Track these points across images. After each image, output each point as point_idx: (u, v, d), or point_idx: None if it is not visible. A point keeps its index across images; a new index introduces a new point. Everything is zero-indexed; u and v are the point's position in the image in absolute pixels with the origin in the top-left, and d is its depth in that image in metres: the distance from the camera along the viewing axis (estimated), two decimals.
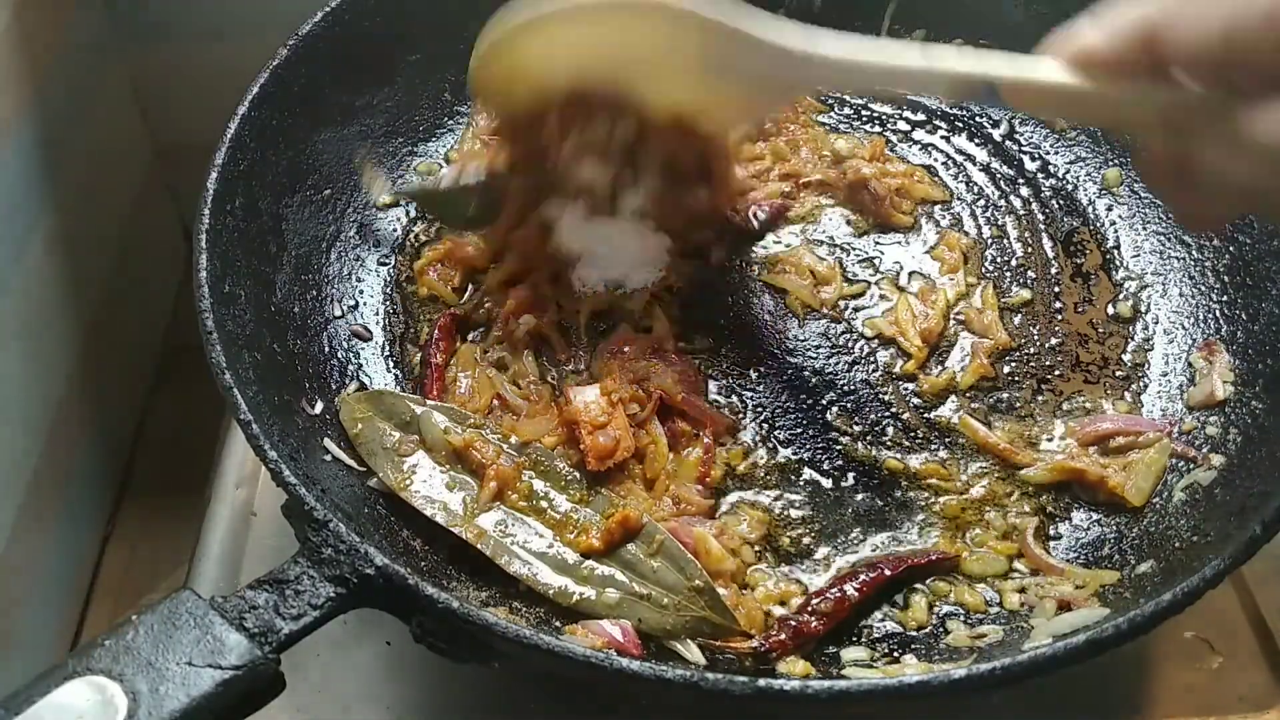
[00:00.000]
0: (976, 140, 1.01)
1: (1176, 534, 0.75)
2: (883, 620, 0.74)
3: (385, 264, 0.92)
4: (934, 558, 0.76)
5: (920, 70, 0.69)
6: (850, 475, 0.81)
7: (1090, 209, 0.95)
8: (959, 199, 0.96)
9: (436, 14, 0.98)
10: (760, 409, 0.84)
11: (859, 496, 0.80)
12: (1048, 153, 0.99)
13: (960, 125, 1.01)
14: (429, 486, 0.75)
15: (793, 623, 0.72)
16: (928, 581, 0.76)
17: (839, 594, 0.73)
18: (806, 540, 0.78)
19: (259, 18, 1.03)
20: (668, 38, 0.76)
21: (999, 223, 0.95)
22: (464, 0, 0.98)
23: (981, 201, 0.96)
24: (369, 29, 0.94)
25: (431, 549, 0.74)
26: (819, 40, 0.72)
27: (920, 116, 1.02)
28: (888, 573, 0.74)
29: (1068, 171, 0.98)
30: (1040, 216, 0.95)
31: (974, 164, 0.99)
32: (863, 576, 0.74)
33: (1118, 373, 0.86)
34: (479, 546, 0.72)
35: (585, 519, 0.75)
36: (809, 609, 0.73)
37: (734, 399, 0.84)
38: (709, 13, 0.74)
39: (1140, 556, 0.75)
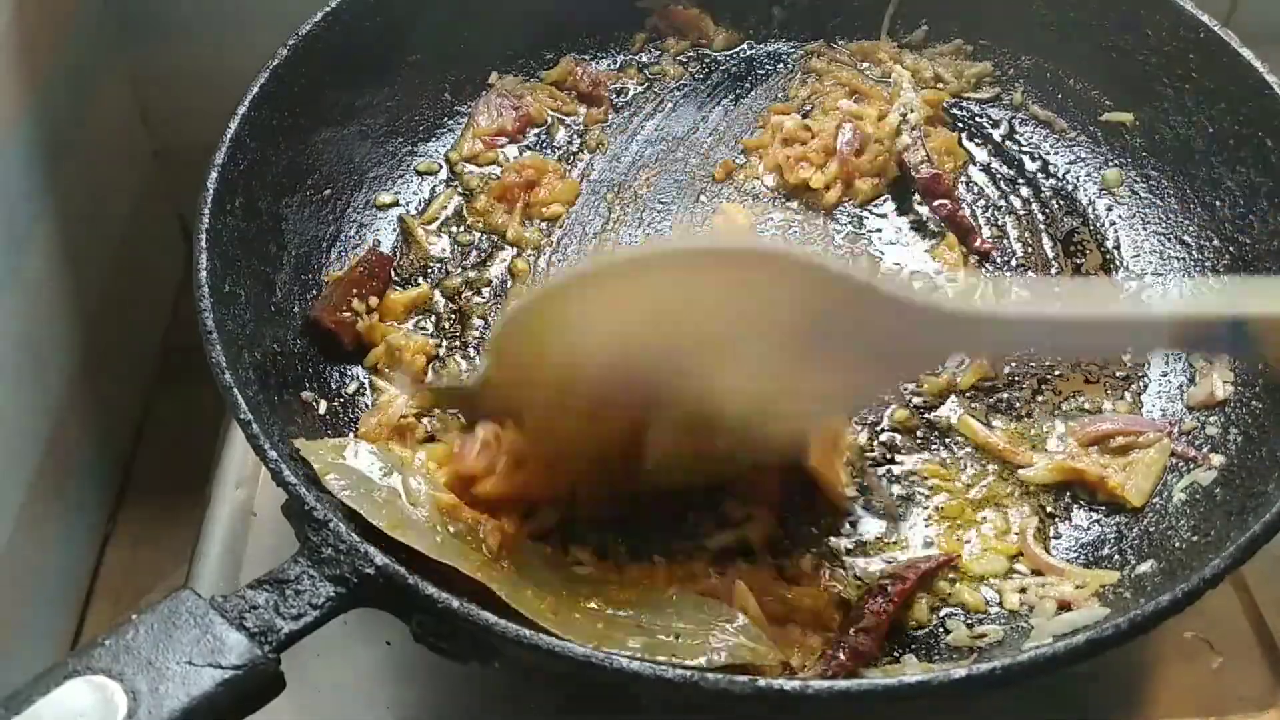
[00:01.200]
0: (976, 140, 1.01)
1: (1176, 534, 0.75)
2: None
3: None
4: (944, 560, 0.76)
5: (1135, 318, 0.58)
6: (850, 476, 0.81)
7: (1090, 209, 0.95)
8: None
9: (436, 14, 0.98)
10: None
11: (860, 498, 0.80)
12: (1048, 153, 0.99)
13: (960, 125, 1.01)
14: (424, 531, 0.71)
15: (846, 644, 0.70)
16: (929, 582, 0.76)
17: (875, 609, 0.72)
18: (811, 542, 0.78)
19: (259, 18, 1.03)
20: (776, 297, 0.61)
21: (999, 223, 0.95)
22: (464, 1, 0.99)
23: (981, 201, 0.96)
24: (369, 29, 0.94)
25: None
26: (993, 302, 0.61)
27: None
28: (912, 578, 0.74)
29: (1068, 171, 0.98)
30: (1040, 216, 0.95)
31: (974, 164, 0.99)
32: (888, 588, 0.73)
33: (1118, 373, 0.86)
34: (496, 590, 0.67)
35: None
36: (853, 629, 0.71)
37: None
38: (849, 270, 0.61)
39: (1140, 556, 0.75)
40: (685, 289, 0.61)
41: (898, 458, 0.82)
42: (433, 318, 0.89)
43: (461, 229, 0.95)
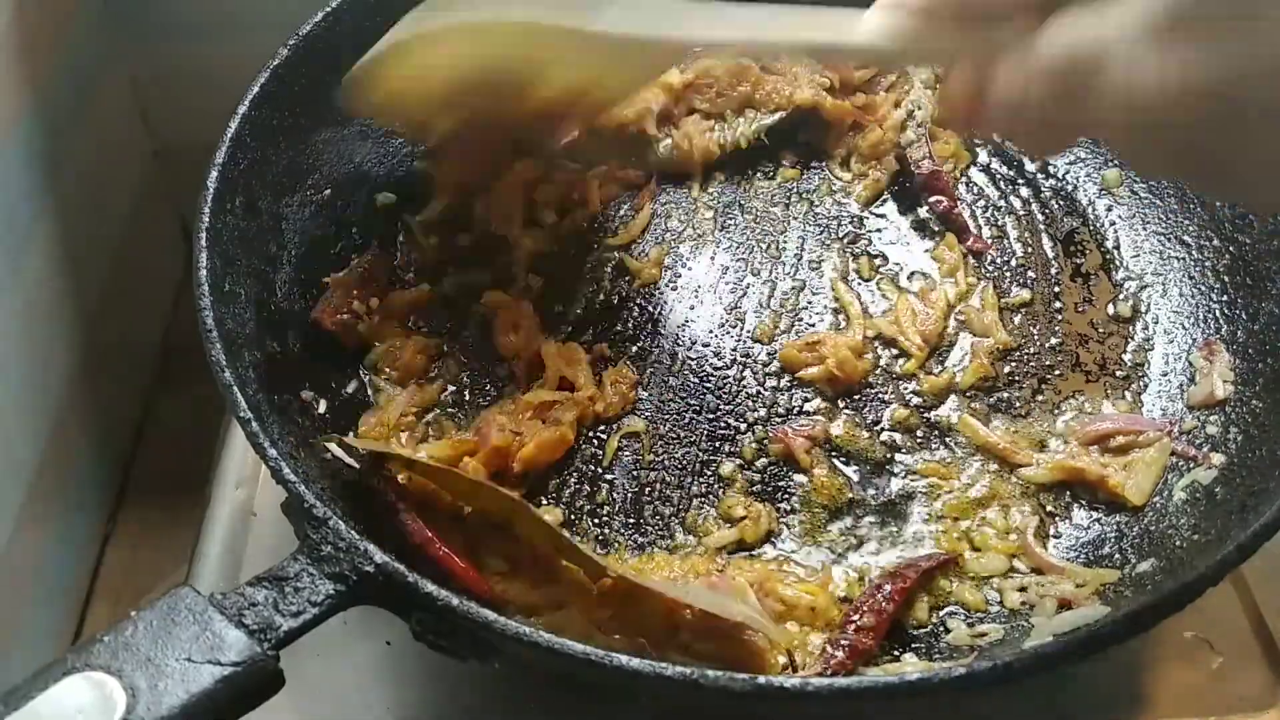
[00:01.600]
0: (977, 140, 1.00)
1: (1177, 533, 0.75)
2: None
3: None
4: (944, 559, 0.76)
5: (732, 40, 0.74)
6: (851, 475, 0.81)
7: (1090, 209, 0.95)
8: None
9: None
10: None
11: (859, 496, 0.80)
12: None
13: None
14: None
15: (845, 642, 0.70)
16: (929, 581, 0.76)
17: (875, 607, 0.72)
18: (808, 540, 0.78)
19: (259, 18, 1.03)
20: (523, 44, 0.79)
21: (999, 223, 0.95)
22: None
23: (981, 202, 0.96)
24: (369, 29, 0.94)
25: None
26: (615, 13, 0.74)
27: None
28: (912, 576, 0.74)
29: (1068, 172, 0.98)
30: (1040, 216, 0.95)
31: (974, 164, 0.99)
32: (888, 586, 0.73)
33: (1118, 373, 0.86)
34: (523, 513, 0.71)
35: None
36: (853, 626, 0.71)
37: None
38: (544, 19, 0.77)
39: (1141, 555, 0.75)
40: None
41: (897, 457, 0.82)
42: (432, 318, 0.89)
43: (460, 231, 0.95)
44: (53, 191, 1.01)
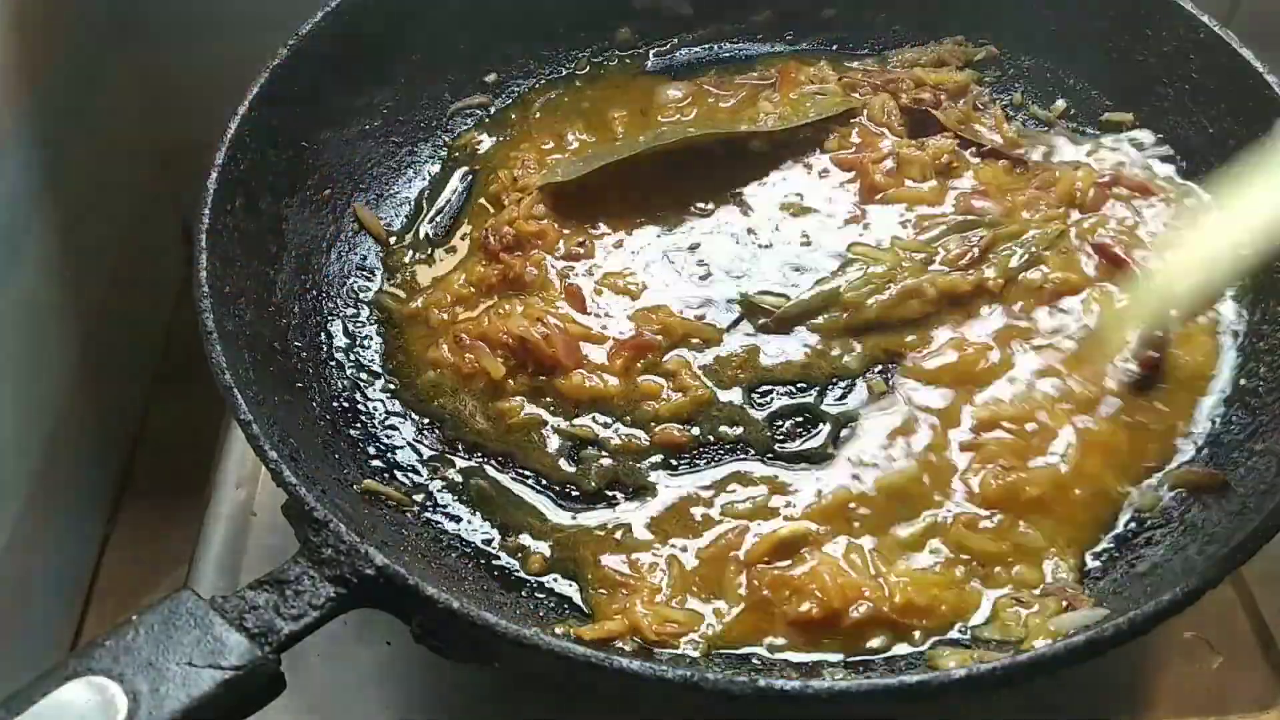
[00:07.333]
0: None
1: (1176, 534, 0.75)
2: None
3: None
4: None
5: None
6: None
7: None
8: None
9: (436, 14, 0.98)
10: None
11: None
12: None
13: None
14: None
15: None
16: None
17: None
18: None
19: (259, 18, 1.03)
20: None
21: None
22: (464, 0, 0.99)
23: None
24: (369, 29, 0.94)
25: (431, 548, 0.74)
26: None
27: None
28: None
29: None
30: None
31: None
32: None
33: None
34: None
35: None
36: None
37: None
38: None
39: (1140, 557, 0.75)
40: None
41: None
42: None
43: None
44: (53, 191, 1.01)
